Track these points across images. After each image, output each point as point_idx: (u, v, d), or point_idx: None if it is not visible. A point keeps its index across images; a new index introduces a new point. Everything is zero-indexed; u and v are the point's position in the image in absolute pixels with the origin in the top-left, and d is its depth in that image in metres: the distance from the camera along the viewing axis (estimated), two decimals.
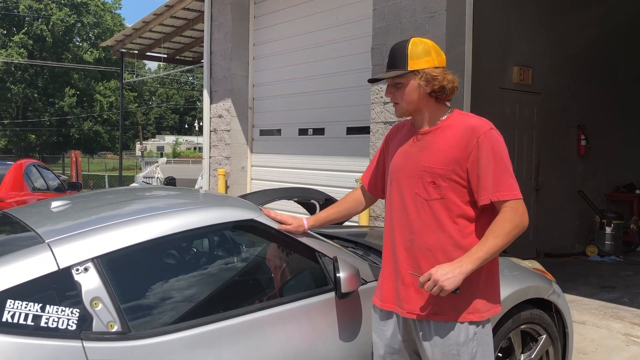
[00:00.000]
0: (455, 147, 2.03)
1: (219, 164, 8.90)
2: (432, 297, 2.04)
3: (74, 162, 18.91)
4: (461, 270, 1.94)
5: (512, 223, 1.98)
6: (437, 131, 2.10)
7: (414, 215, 2.09)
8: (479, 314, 2.05)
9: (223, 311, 2.16)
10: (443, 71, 2.09)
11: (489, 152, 1.99)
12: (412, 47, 2.09)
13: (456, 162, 2.02)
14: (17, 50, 36.67)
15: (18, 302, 1.82)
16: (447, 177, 2.03)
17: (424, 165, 2.07)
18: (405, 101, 2.11)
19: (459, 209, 2.04)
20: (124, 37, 13.01)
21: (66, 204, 2.62)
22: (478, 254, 1.96)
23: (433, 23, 5.51)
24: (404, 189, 2.13)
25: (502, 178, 1.99)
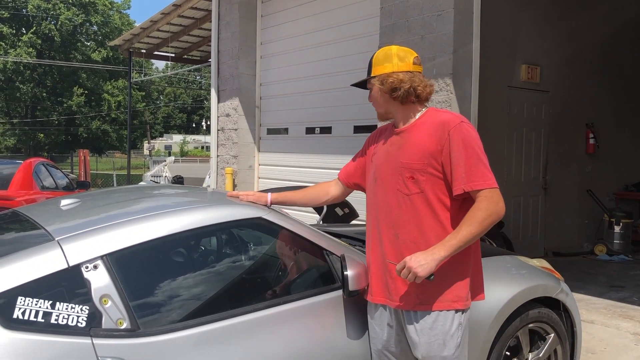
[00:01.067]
0: (428, 141, 2.13)
1: (226, 163, 8.92)
2: (418, 288, 2.12)
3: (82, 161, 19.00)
4: (433, 257, 2.01)
5: (486, 211, 2.03)
6: (411, 129, 2.21)
7: (397, 210, 2.19)
8: (462, 302, 2.13)
9: (231, 309, 2.17)
10: (403, 75, 2.19)
11: (459, 143, 2.07)
12: (376, 55, 2.27)
13: (431, 155, 2.11)
14: (26, 50, 36.89)
15: (28, 299, 1.84)
16: (424, 170, 2.12)
17: (401, 161, 2.18)
18: (376, 104, 2.30)
19: (438, 201, 2.13)
20: (132, 37, 13.05)
21: (75, 202, 2.63)
22: (451, 241, 2.03)
23: (440, 21, 5.49)
24: (387, 186, 2.23)
25: (474, 168, 2.06)
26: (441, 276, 2.09)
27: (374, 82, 2.25)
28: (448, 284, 2.13)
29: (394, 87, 2.18)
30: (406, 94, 2.18)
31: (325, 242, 2.47)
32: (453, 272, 2.13)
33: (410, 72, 2.21)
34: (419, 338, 2.14)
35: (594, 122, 7.79)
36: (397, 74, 2.20)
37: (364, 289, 2.35)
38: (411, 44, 5.79)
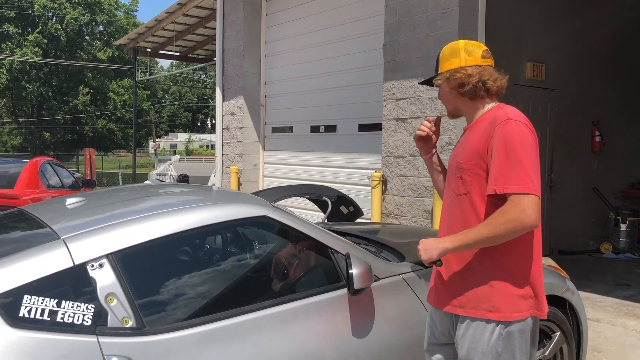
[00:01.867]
0: (479, 140, 2.02)
1: (231, 162, 8.93)
2: (456, 290, 2.06)
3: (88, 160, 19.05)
4: (438, 246, 1.99)
5: (506, 216, 1.87)
6: (472, 127, 2.13)
7: (448, 210, 2.15)
8: (498, 313, 1.98)
9: (236, 307, 2.17)
10: (472, 69, 2.09)
11: (500, 141, 1.93)
12: (443, 51, 2.18)
13: (479, 155, 2.01)
14: (32, 49, 36.99)
15: (34, 298, 1.84)
16: (471, 171, 2.03)
17: (457, 160, 2.12)
18: (445, 102, 2.21)
19: (482, 204, 2.01)
20: (137, 36, 13.08)
21: (81, 201, 2.64)
22: (462, 236, 1.96)
23: (445, 19, 5.48)
24: (448, 186, 2.19)
25: (511, 169, 1.90)
26: (477, 282, 2.01)
27: (441, 79, 2.16)
28: (484, 291, 2.00)
29: (462, 82, 2.09)
30: (475, 89, 2.09)
31: (330, 241, 2.47)
32: (490, 279, 1.99)
33: (479, 66, 2.11)
34: (461, 344, 2.08)
35: (600, 120, 7.76)
36: (465, 68, 2.10)
37: (369, 287, 2.35)
38: (415, 41, 5.78)
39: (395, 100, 6.02)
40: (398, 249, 3.03)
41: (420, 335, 2.52)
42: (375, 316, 2.43)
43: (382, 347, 2.42)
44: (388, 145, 6.11)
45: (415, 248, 3.05)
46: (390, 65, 6.07)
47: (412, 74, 5.82)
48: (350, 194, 5.76)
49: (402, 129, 5.95)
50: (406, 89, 5.90)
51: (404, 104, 5.93)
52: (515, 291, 1.99)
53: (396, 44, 6.01)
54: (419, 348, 2.51)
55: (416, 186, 5.82)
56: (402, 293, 2.56)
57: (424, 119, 5.55)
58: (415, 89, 5.81)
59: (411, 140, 5.85)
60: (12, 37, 37.55)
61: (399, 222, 5.97)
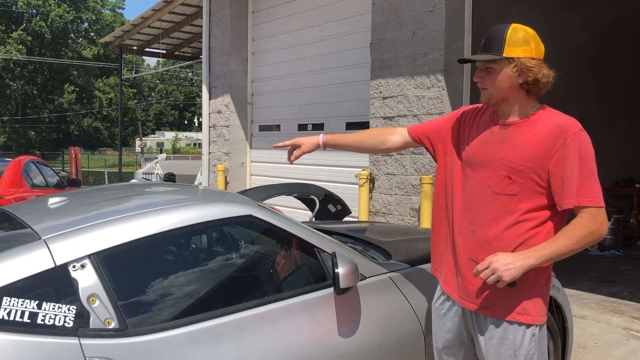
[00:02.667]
0: (539, 144, 1.93)
1: (218, 160, 8.89)
2: (484, 290, 2.00)
3: (74, 159, 18.90)
4: (522, 263, 1.86)
5: (588, 229, 1.86)
6: (523, 124, 2.00)
7: (481, 206, 2.02)
8: (529, 316, 1.97)
9: (222, 307, 2.15)
10: (539, 63, 1.98)
11: (576, 154, 1.88)
12: (511, 32, 1.98)
13: (537, 160, 1.92)
14: (16, 47, 36.59)
15: (14, 299, 1.81)
16: (525, 174, 1.93)
17: (502, 157, 1.98)
18: (495, 88, 2.01)
19: (528, 208, 1.95)
20: (123, 33, 12.98)
21: (63, 200, 2.60)
22: (544, 250, 1.88)
23: (432, 17, 5.48)
24: (476, 178, 2.05)
25: (586, 183, 1.88)
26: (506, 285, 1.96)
27: (504, 64, 1.97)
28: (514, 294, 1.96)
29: (536, 77, 1.96)
30: (537, 83, 1.97)
31: (316, 240, 2.46)
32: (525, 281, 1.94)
33: (541, 60, 2.00)
34: (487, 345, 2.02)
35: (585, 119, 7.78)
36: (535, 61, 1.97)
37: (355, 286, 2.34)
38: (403, 40, 5.78)
39: (382, 99, 6.02)
40: (385, 247, 3.02)
41: (406, 334, 2.52)
42: (361, 315, 2.42)
43: (368, 346, 2.41)
44: None
45: (402, 246, 3.06)
46: (377, 63, 6.07)
47: (399, 72, 5.83)
48: (338, 192, 5.75)
49: (389, 127, 5.95)
50: (393, 87, 5.90)
51: (391, 102, 5.93)
52: (541, 294, 2.00)
53: (383, 42, 6.01)
54: (405, 347, 2.51)
55: (403, 184, 5.82)
56: (389, 292, 2.55)
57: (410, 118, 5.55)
58: (402, 88, 5.81)
59: None
60: None
61: (387, 220, 5.97)
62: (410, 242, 3.31)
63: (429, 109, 5.54)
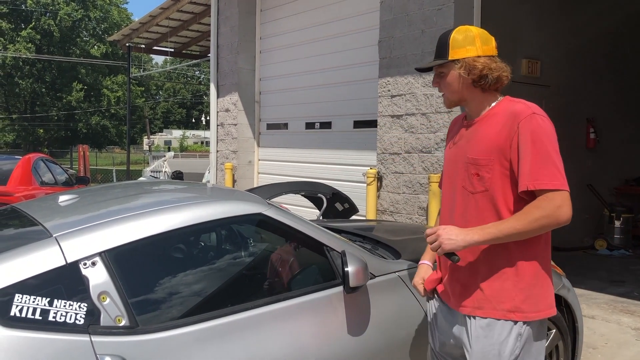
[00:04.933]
0: (498, 134, 1.94)
1: (226, 158, 8.90)
2: (473, 291, 1.99)
3: (82, 157, 18.98)
4: (465, 237, 1.89)
5: (542, 211, 1.83)
6: (482, 120, 2.03)
7: (461, 208, 2.03)
8: (521, 313, 1.93)
9: (231, 305, 2.16)
10: (487, 60, 1.99)
11: (527, 136, 1.87)
12: (454, 35, 2.03)
13: (499, 150, 1.93)
14: (25, 45, 36.79)
15: (26, 297, 1.82)
16: (490, 167, 1.94)
17: (468, 156, 2.01)
18: (449, 91, 2.06)
19: (504, 201, 1.94)
20: (131, 32, 13.01)
21: (74, 198, 2.62)
22: (491, 229, 1.88)
23: (441, 15, 5.46)
24: (455, 182, 2.08)
25: (541, 165, 1.86)
26: (497, 281, 1.95)
27: (451, 67, 2.02)
28: (504, 291, 1.94)
29: (483, 74, 1.98)
30: (492, 81, 1.99)
31: (325, 238, 2.45)
32: (510, 278, 1.94)
33: (493, 57, 2.02)
34: (472, 344, 1.99)
35: (595, 117, 7.77)
36: (482, 58, 1.99)
37: (365, 285, 2.33)
38: (411, 38, 5.76)
39: (391, 97, 6.00)
40: (394, 246, 3.01)
41: (416, 333, 2.51)
42: (371, 314, 2.42)
43: (378, 345, 2.41)
44: (383, 142, 6.10)
45: (411, 245, 3.06)
46: (386, 61, 6.06)
47: (407, 70, 5.81)
48: (346, 190, 5.74)
49: (397, 125, 5.94)
50: (401, 86, 5.89)
51: (399, 101, 5.92)
52: (536, 290, 1.95)
53: (391, 41, 5.99)
54: (415, 346, 2.50)
55: (411, 183, 5.81)
56: (398, 291, 2.55)
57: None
58: (410, 86, 5.79)
59: (406, 137, 5.85)
60: (4, 33, 37.32)
61: (394, 219, 5.96)
62: (419, 240, 3.30)
63: (437, 107, 5.53)
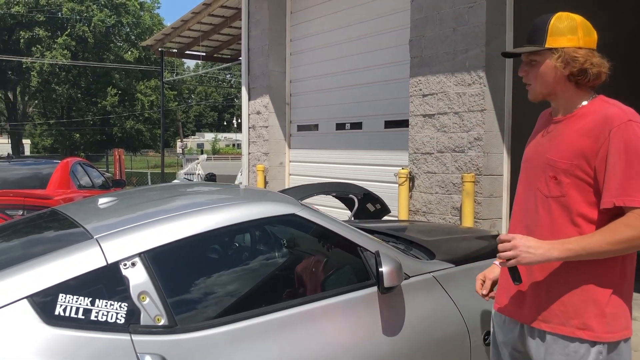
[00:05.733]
0: (584, 138, 1.76)
1: (257, 160, 8.97)
2: (539, 301, 1.85)
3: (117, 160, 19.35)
4: (544, 252, 1.72)
5: (633, 232, 1.66)
6: (570, 120, 1.85)
7: (533, 212, 1.89)
8: (591, 332, 1.75)
9: (266, 305, 2.18)
10: (588, 53, 1.82)
11: (620, 147, 1.69)
12: (555, 21, 1.84)
13: (583, 156, 1.76)
14: (61, 52, 37.69)
15: (69, 296, 1.87)
16: (571, 172, 1.78)
17: (548, 157, 1.85)
18: (538, 82, 1.87)
19: (580, 210, 1.78)
20: (164, 36, 13.23)
21: (112, 200, 2.68)
22: (572, 245, 1.71)
23: (473, 13, 5.41)
24: (529, 183, 1.93)
25: (633, 180, 1.68)
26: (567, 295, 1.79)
27: (547, 55, 1.83)
28: (573, 306, 1.78)
29: (584, 68, 1.79)
30: (593, 77, 1.81)
31: (359, 239, 2.46)
32: (581, 292, 1.78)
33: (594, 50, 1.84)
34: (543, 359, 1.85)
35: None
36: (583, 51, 1.80)
37: (399, 285, 2.33)
38: (442, 36, 5.72)
39: (422, 96, 5.97)
40: (427, 246, 3.00)
41: (451, 334, 2.49)
42: (405, 315, 2.41)
43: (412, 346, 2.40)
44: (415, 141, 6.06)
45: (445, 245, 3.04)
46: (417, 60, 6.03)
47: (438, 69, 5.77)
48: (377, 191, 5.73)
49: (429, 125, 5.90)
50: (433, 85, 5.85)
51: (430, 100, 5.88)
52: (609, 309, 1.77)
53: (422, 40, 5.96)
54: (450, 347, 2.49)
55: (444, 183, 5.76)
56: (433, 291, 2.53)
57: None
58: (442, 85, 5.75)
59: (439, 137, 5.80)
60: (42, 40, 38.32)
61: (427, 219, 5.92)
62: (454, 241, 3.28)
63: (470, 105, 5.47)
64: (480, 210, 5.41)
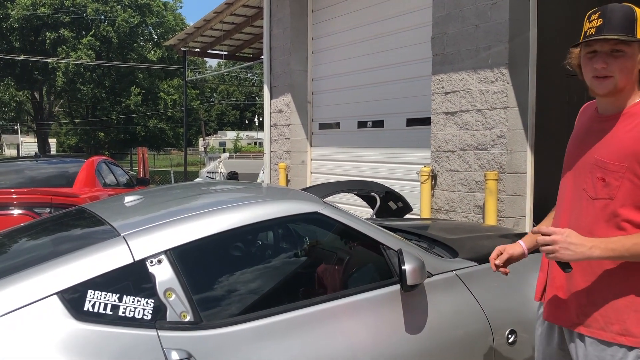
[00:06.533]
0: (636, 139, 1.70)
1: (279, 158, 9.01)
2: (579, 304, 1.81)
3: (141, 159, 19.56)
4: (585, 250, 1.67)
5: None
6: (621, 118, 1.77)
7: (577, 213, 1.83)
8: (633, 338, 1.71)
9: (290, 302, 2.20)
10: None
11: None
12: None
13: (634, 157, 1.69)
14: (86, 52, 38.27)
15: (97, 293, 1.91)
16: (620, 174, 1.71)
17: (596, 157, 1.78)
18: (623, 75, 1.74)
19: (628, 215, 1.72)
20: (186, 36, 13.34)
21: (138, 198, 2.72)
22: (615, 245, 1.67)
23: (496, 10, 5.37)
24: (574, 182, 1.87)
25: None
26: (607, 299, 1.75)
27: (635, 47, 1.73)
28: (615, 311, 1.73)
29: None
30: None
31: (381, 237, 2.46)
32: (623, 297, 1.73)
33: None
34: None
35: None
36: None
37: (422, 283, 2.33)
38: (465, 33, 5.68)
39: (444, 94, 5.94)
40: (450, 244, 2.99)
41: (474, 333, 2.48)
42: (428, 313, 2.41)
43: (435, 345, 2.40)
44: (437, 139, 6.04)
45: (468, 244, 3.02)
46: (439, 58, 6.00)
47: (461, 66, 5.73)
48: (399, 189, 5.71)
49: (451, 122, 5.87)
50: (455, 82, 5.81)
51: (453, 98, 5.85)
52: None
53: (445, 37, 5.93)
54: (473, 346, 2.48)
55: (467, 181, 5.73)
56: (456, 290, 2.53)
57: None
58: (464, 82, 5.71)
59: (461, 134, 5.77)
60: (67, 41, 38.94)
61: (450, 217, 5.89)
62: (477, 239, 3.26)
63: (493, 103, 5.43)
64: (503, 208, 5.37)
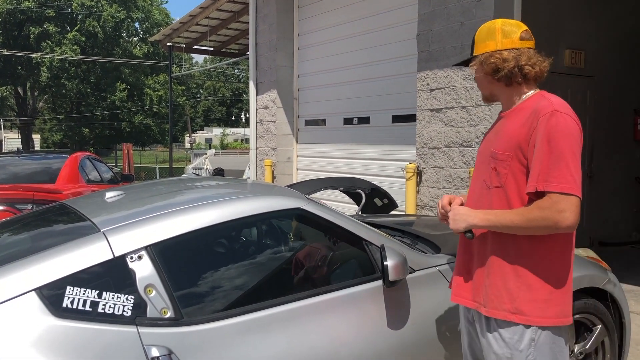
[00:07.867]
0: (519, 130, 1.88)
1: (265, 155, 8.99)
2: (479, 285, 1.97)
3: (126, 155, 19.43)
4: (467, 218, 1.93)
5: (541, 213, 1.76)
6: (509, 115, 1.99)
7: (478, 203, 2.01)
8: (523, 316, 1.86)
9: (272, 298, 2.20)
10: (508, 53, 1.94)
11: (544, 135, 1.79)
12: (479, 31, 2.04)
13: (518, 147, 1.87)
14: (71, 47, 37.87)
15: (77, 289, 1.90)
16: (508, 163, 1.89)
17: (491, 150, 1.98)
18: (478, 86, 2.11)
19: (519, 200, 1.88)
20: (172, 31, 13.24)
21: (120, 194, 2.70)
22: (490, 216, 1.88)
23: (480, 7, 5.39)
24: (477, 174, 2.07)
25: (554, 167, 1.77)
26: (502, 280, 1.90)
27: (476, 62, 2.02)
28: (507, 291, 1.88)
29: (497, 67, 1.94)
30: (510, 75, 1.94)
31: (364, 233, 2.47)
32: (516, 278, 1.87)
33: (517, 49, 1.95)
34: (487, 344, 1.97)
35: (636, 109, 7.52)
36: (500, 52, 1.94)
37: (404, 279, 2.34)
38: (450, 30, 5.70)
39: (430, 91, 5.95)
40: (433, 240, 3.01)
41: (456, 327, 2.50)
42: (410, 308, 2.42)
43: (417, 339, 2.41)
44: (422, 136, 6.05)
45: (451, 240, 3.04)
46: (424, 55, 6.01)
47: (446, 63, 5.75)
48: (384, 186, 5.73)
49: (436, 119, 5.89)
50: (440, 79, 5.83)
51: (438, 94, 5.86)
52: (543, 294, 1.86)
53: (430, 34, 5.94)
54: (454, 340, 2.49)
55: (452, 177, 5.76)
56: (438, 285, 2.54)
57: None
58: (449, 79, 5.73)
59: (446, 131, 5.79)
60: (52, 35, 38.50)
61: (434, 214, 5.92)
62: None
63: (477, 100, 5.46)
64: None
